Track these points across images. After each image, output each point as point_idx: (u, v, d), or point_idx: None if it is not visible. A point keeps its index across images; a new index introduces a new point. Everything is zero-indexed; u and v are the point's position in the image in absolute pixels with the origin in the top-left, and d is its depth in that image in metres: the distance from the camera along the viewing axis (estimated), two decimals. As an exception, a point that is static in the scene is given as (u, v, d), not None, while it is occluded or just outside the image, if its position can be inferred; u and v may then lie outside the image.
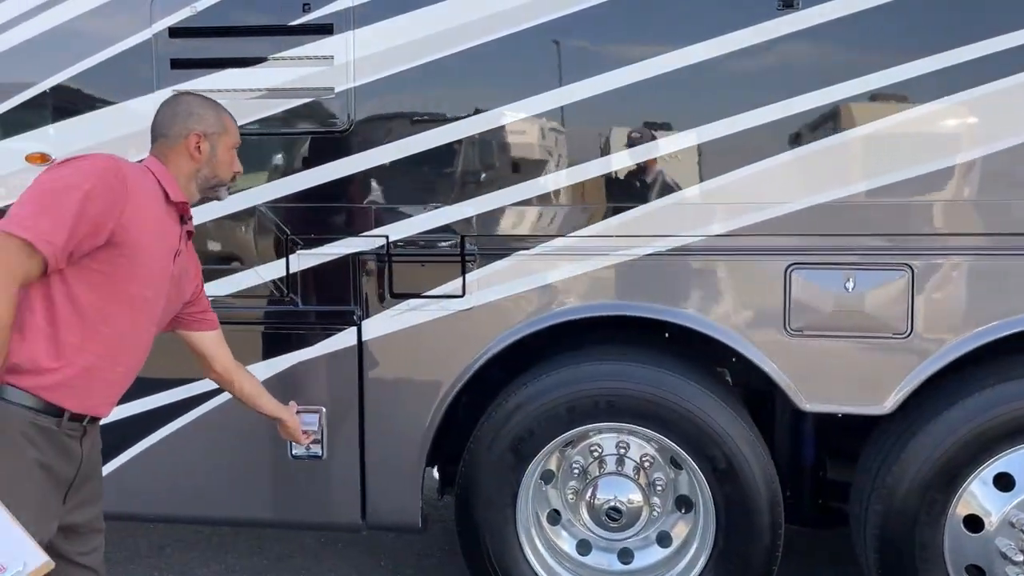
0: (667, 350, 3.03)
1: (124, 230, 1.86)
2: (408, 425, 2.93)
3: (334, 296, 2.93)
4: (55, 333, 1.86)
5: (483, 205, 2.81)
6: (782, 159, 2.65)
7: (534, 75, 2.77)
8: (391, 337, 2.90)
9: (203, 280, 2.40)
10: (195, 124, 2.12)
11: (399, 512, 2.99)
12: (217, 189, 2.22)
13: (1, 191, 2.99)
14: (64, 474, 1.93)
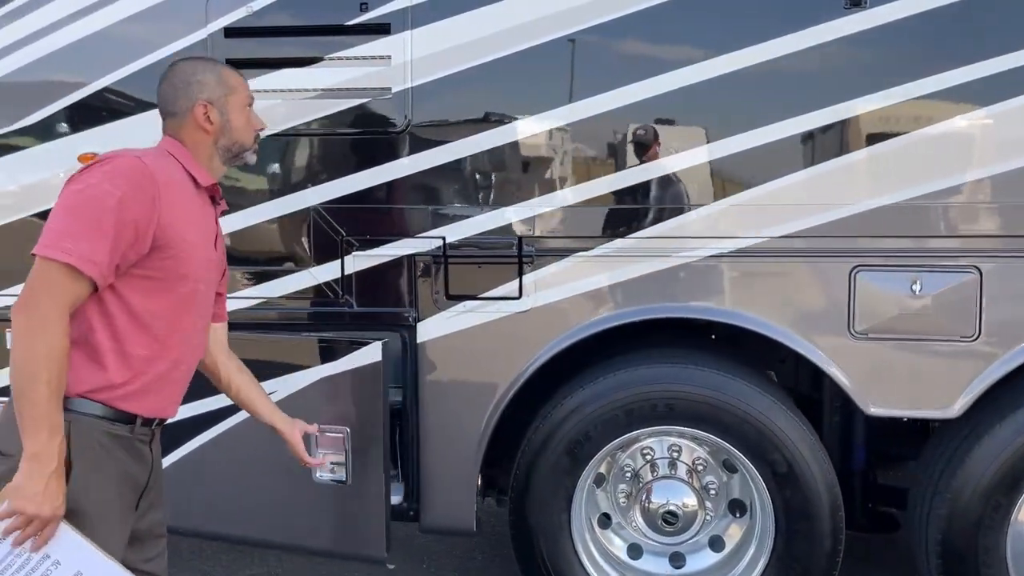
0: (714, 352, 3.01)
1: (165, 230, 1.77)
2: (463, 428, 2.90)
3: (389, 298, 2.91)
4: (121, 347, 1.78)
5: (541, 206, 2.79)
6: (848, 159, 2.62)
7: (593, 75, 2.75)
8: (446, 339, 2.88)
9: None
10: (197, 92, 1.90)
11: (454, 515, 2.97)
12: (243, 155, 2.01)
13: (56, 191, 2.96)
14: (139, 480, 1.90)
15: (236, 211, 2.93)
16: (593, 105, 2.72)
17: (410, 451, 2.99)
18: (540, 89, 2.79)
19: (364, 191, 2.87)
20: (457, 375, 2.91)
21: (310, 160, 2.91)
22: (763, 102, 2.69)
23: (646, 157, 2.75)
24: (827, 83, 2.64)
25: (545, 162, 2.81)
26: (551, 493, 2.92)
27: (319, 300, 2.94)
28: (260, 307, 2.97)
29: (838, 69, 2.64)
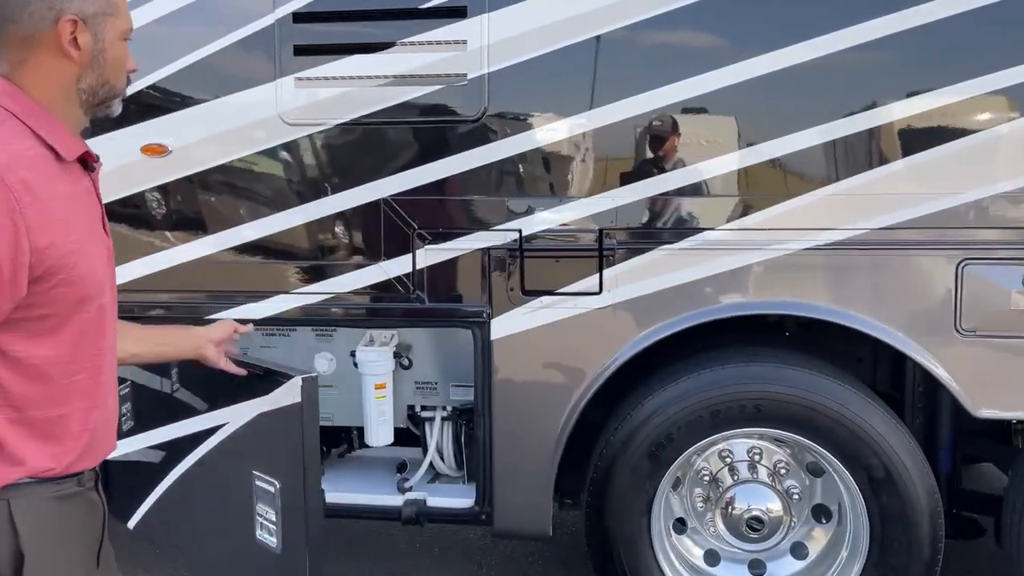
0: (791, 350, 2.88)
1: (42, 255, 1.28)
2: (539, 429, 2.78)
3: (462, 293, 2.80)
4: (27, 417, 1.34)
5: (624, 197, 2.66)
6: (955, 146, 2.47)
7: (682, 58, 2.62)
8: (522, 336, 2.76)
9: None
10: (63, 1, 1.32)
11: (528, 519, 2.85)
12: (110, 103, 1.47)
13: (118, 181, 2.88)
14: (96, 531, 1.51)
15: (302, 203, 2.84)
16: (681, 90, 2.59)
17: (482, 452, 2.88)
18: (623, 74, 2.66)
19: (437, 182, 2.75)
20: (533, 373, 2.79)
21: (381, 150, 2.79)
22: (864, 87, 2.55)
23: (737, 144, 2.61)
24: (932, 67, 2.49)
25: (628, 151, 2.68)
26: (631, 498, 2.79)
27: (389, 295, 2.83)
28: (328, 303, 2.86)
29: (942, 52, 2.49)
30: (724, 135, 2.62)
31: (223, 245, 2.90)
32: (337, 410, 3.19)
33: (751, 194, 2.62)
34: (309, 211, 2.83)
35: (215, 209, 2.91)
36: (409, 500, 3.00)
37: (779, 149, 2.57)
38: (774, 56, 2.53)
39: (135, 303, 2.95)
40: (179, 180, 2.87)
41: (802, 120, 2.56)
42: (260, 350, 3.19)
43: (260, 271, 2.91)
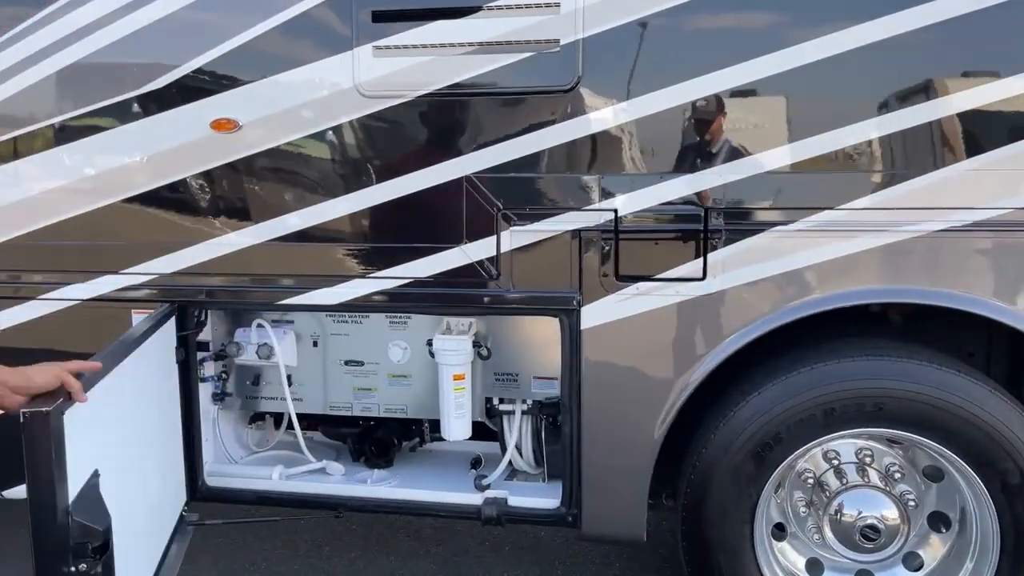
0: (903, 342, 2.62)
1: None
2: (634, 426, 2.57)
3: (550, 278, 2.59)
4: None
5: (733, 172, 2.42)
6: None
7: (796, 21, 2.36)
8: (615, 326, 2.55)
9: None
10: None
11: (620, 523, 2.64)
12: None
13: (186, 158, 2.72)
14: None
15: (379, 181, 2.66)
16: (797, 54, 2.34)
17: (569, 450, 2.68)
18: (733, 38, 2.41)
19: (525, 158, 2.54)
20: (627, 366, 2.57)
21: (464, 123, 2.59)
22: (1003, 43, 2.27)
23: (862, 114, 2.35)
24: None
25: (739, 121, 2.43)
26: (733, 502, 2.57)
27: (471, 280, 2.63)
28: (405, 288, 2.68)
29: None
30: (850, 104, 2.36)
31: (294, 227, 2.73)
32: (411, 403, 3.02)
33: (877, 170, 2.36)
34: (386, 190, 2.64)
35: (286, 188, 2.74)
36: (489, 499, 2.82)
37: (911, 118, 2.31)
38: (906, 15, 2.27)
39: (198, 287, 2.81)
40: (249, 157, 2.70)
41: (938, 88, 2.29)
42: (331, 337, 3.03)
43: (333, 254, 2.74)
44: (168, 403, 2.78)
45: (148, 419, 2.56)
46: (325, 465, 3.11)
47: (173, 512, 2.79)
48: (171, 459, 2.78)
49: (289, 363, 3.02)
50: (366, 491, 2.94)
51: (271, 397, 3.11)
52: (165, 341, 2.73)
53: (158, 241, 2.82)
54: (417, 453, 3.28)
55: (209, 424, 3.10)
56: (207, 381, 3.05)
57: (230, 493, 2.99)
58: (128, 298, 2.85)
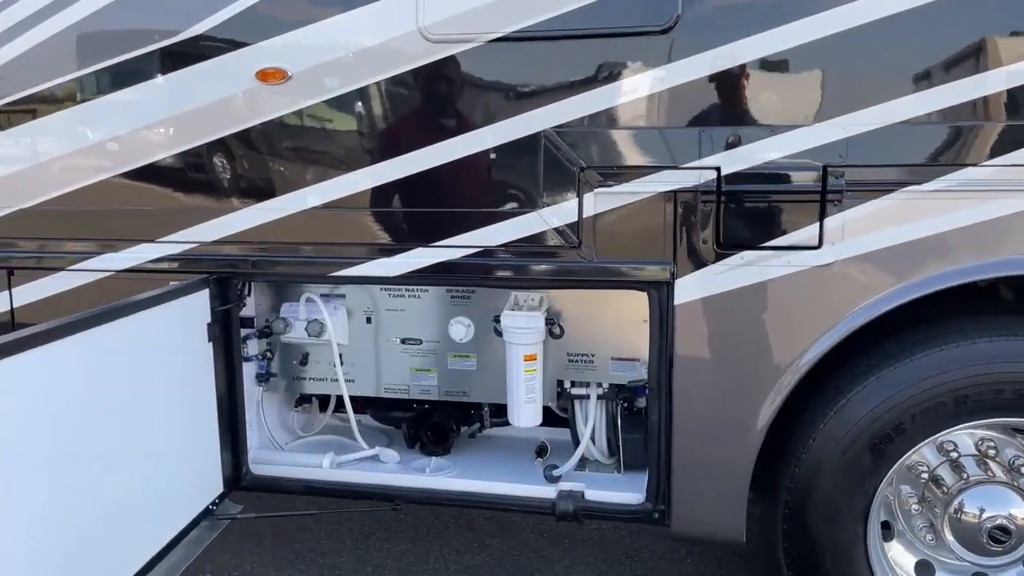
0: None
1: None
2: (734, 415, 2.28)
3: (639, 247, 2.29)
4: None
5: (858, 124, 2.10)
6: None
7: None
8: (715, 301, 2.25)
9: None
10: None
11: (716, 522, 2.36)
12: None
13: (229, 113, 2.45)
14: None
15: (444, 138, 2.36)
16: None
17: (657, 440, 2.39)
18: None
19: (612, 109, 2.24)
20: (727, 347, 2.27)
21: (543, 70, 2.28)
22: None
23: (1012, 55, 2.02)
24: None
25: (864, 65, 2.11)
26: (845, 499, 2.28)
27: (549, 250, 2.34)
28: (473, 258, 2.39)
29: None
30: (1000, 42, 2.03)
31: (347, 190, 2.45)
32: (474, 385, 2.75)
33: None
34: (453, 147, 2.35)
35: (339, 146, 2.45)
36: (564, 492, 2.54)
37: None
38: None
39: (241, 256, 2.54)
40: (300, 111, 2.41)
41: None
42: (385, 314, 2.75)
43: (391, 221, 2.46)
44: (194, 384, 2.49)
45: (157, 399, 2.29)
46: (378, 452, 2.85)
47: (192, 503, 2.51)
48: (195, 445, 2.50)
49: (341, 341, 2.75)
50: (426, 482, 2.68)
51: (320, 378, 2.85)
52: (192, 316, 2.46)
53: (198, 206, 2.56)
54: (476, 440, 3.02)
55: (253, 407, 2.85)
56: (250, 360, 2.79)
57: (277, 483, 2.74)
58: (165, 269, 2.59)
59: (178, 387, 2.39)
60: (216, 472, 2.60)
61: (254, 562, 3.24)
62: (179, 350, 2.40)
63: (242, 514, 2.59)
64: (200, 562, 3.27)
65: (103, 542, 2.08)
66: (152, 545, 2.28)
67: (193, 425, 2.47)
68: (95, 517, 2.04)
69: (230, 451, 2.65)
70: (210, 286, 2.50)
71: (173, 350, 2.37)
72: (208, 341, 2.51)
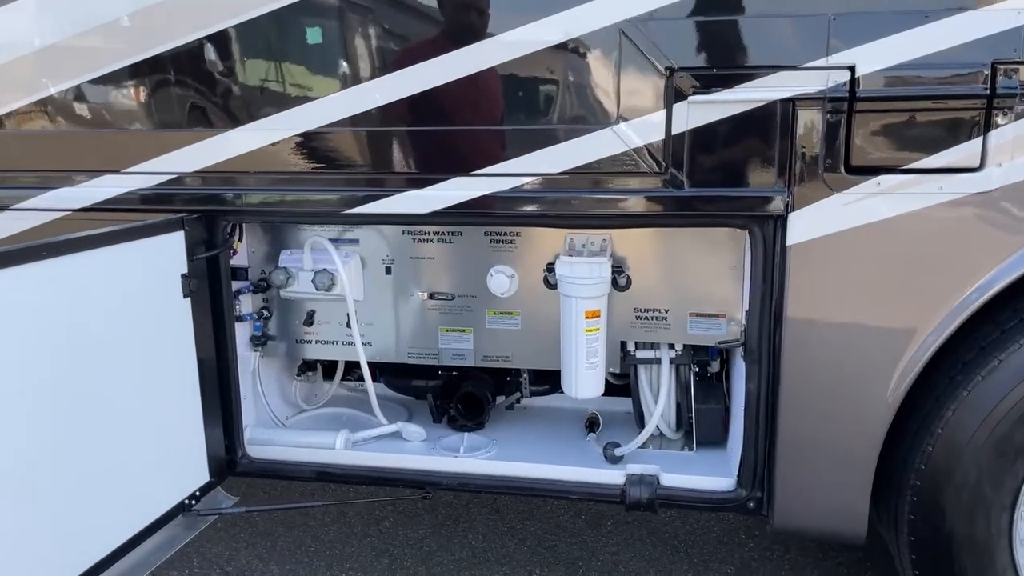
0: None
1: None
2: (860, 382, 1.82)
3: (742, 172, 1.80)
4: None
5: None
6: None
7: None
8: (840, 239, 1.77)
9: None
10: None
11: (830, 515, 1.92)
12: None
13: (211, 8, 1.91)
14: None
15: (488, 35, 1.85)
16: None
17: (756, 413, 1.94)
18: None
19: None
20: (855, 299, 1.80)
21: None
22: None
23: None
24: None
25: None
26: (992, 485, 1.84)
27: (625, 178, 1.85)
28: (525, 190, 1.89)
29: None
30: None
31: (363, 103, 1.94)
32: (517, 349, 2.27)
33: None
34: (500, 47, 1.84)
35: (353, 48, 1.92)
36: (634, 477, 2.09)
37: None
38: None
39: (228, 190, 2.03)
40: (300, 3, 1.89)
41: None
42: (409, 263, 2.26)
43: (421, 144, 1.95)
44: (166, 350, 1.99)
45: (112, 367, 1.81)
46: (401, 428, 2.38)
47: (163, 496, 2.02)
48: (167, 425, 2.00)
49: (355, 296, 2.26)
50: (461, 465, 2.22)
51: (329, 341, 2.36)
52: (161, 265, 1.96)
53: (173, 126, 2.03)
54: (514, 411, 2.56)
55: (248, 377, 2.36)
56: (244, 320, 2.30)
57: (280, 468, 2.26)
58: (136, 207, 2.06)
59: (141, 353, 1.88)
60: (198, 458, 2.10)
61: (249, 554, 2.77)
62: (143, 307, 1.89)
63: (231, 508, 2.10)
64: (186, 555, 2.82)
65: (42, 538, 1.61)
66: (102, 546, 1.80)
67: (165, 400, 1.97)
68: (28, 509, 1.56)
69: (220, 431, 2.17)
70: (186, 228, 1.98)
71: (134, 307, 1.86)
72: (184, 297, 2.00)
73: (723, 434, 2.25)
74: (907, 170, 1.72)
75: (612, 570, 2.67)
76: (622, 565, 2.70)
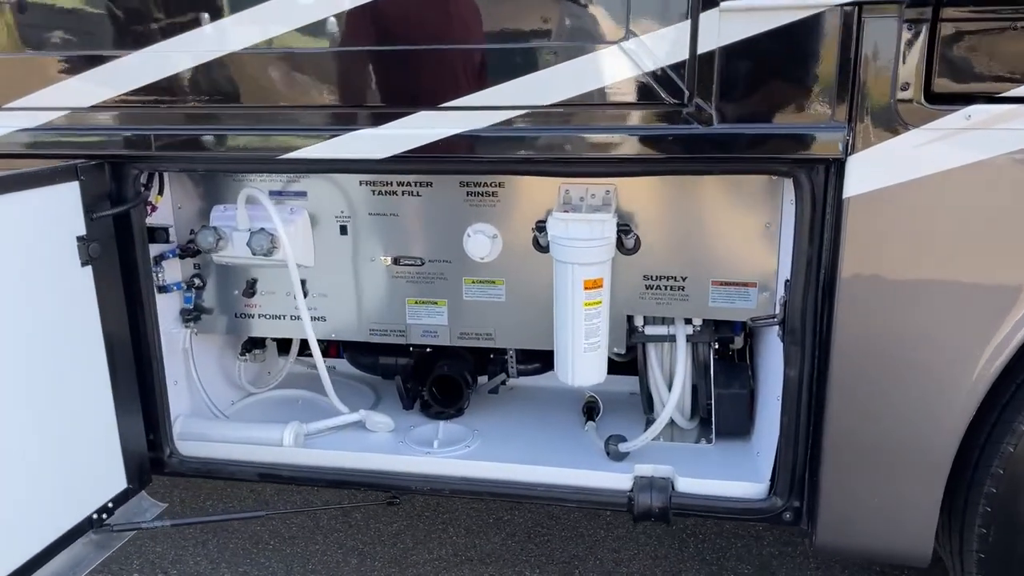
0: None
1: None
2: (934, 375, 1.44)
3: (791, 102, 1.39)
4: None
5: None
6: None
7: None
8: (912, 189, 1.37)
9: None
10: None
11: (891, 531, 1.55)
12: None
13: None
14: None
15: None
16: None
17: (795, 408, 1.56)
18: None
19: None
20: (932, 265, 1.41)
21: None
22: None
23: None
24: None
25: None
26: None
27: (637, 110, 1.44)
28: (507, 127, 1.48)
29: None
30: None
31: (297, 18, 1.51)
32: (502, 324, 1.88)
33: None
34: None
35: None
36: (643, 480, 1.72)
37: None
38: None
39: (138, 131, 1.61)
40: None
41: None
42: (369, 220, 1.85)
43: (374, 68, 1.53)
44: (61, 329, 1.59)
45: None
46: (364, 417, 2.00)
47: (63, 510, 1.64)
48: (68, 422, 1.62)
49: (302, 261, 1.86)
50: (433, 465, 1.84)
51: (274, 315, 1.96)
52: (50, 225, 1.55)
53: (64, 47, 1.60)
54: (500, 395, 2.18)
55: (178, 358, 1.96)
56: (168, 291, 1.90)
57: (215, 467, 1.88)
58: (21, 154, 1.65)
59: (26, 337, 1.48)
60: (110, 461, 1.71)
61: (198, 554, 2.42)
62: (27, 278, 1.48)
63: (153, 523, 1.72)
64: (126, 555, 2.46)
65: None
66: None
67: (63, 393, 1.58)
68: None
69: (140, 426, 1.78)
70: (81, 177, 1.56)
71: (14, 278, 1.45)
72: (84, 265, 1.58)
73: (748, 424, 1.88)
74: (1008, 99, 1.31)
75: (613, 570, 2.33)
76: (624, 564, 2.36)
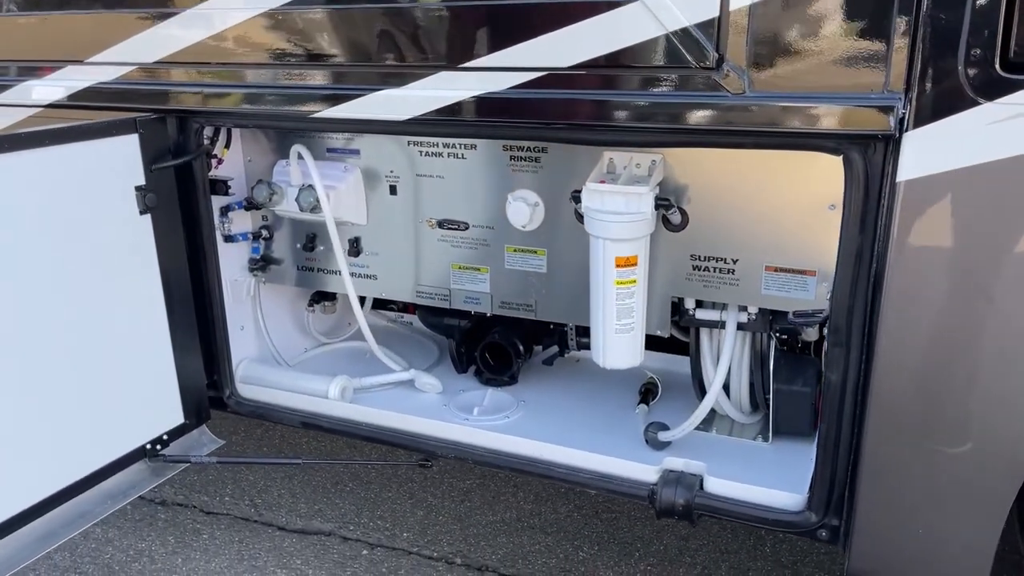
0: None
1: None
2: (995, 381, 1.22)
3: (838, 67, 1.20)
4: None
5: None
6: None
7: None
8: (987, 175, 1.15)
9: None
10: None
11: (938, 563, 1.35)
12: None
13: None
14: None
15: None
16: None
17: (837, 415, 1.38)
18: None
19: None
20: (1006, 263, 1.18)
21: None
22: None
23: None
24: None
25: None
26: None
27: (660, 70, 1.29)
28: (527, 91, 1.39)
29: None
30: None
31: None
32: (542, 297, 1.80)
33: None
34: None
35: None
36: (670, 475, 1.60)
37: None
38: None
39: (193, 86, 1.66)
40: None
41: None
42: (417, 181, 1.83)
43: (395, 26, 1.48)
44: (118, 274, 1.69)
45: (46, 289, 1.54)
46: (414, 377, 2.01)
47: (117, 439, 1.76)
48: (119, 358, 1.72)
49: (354, 218, 1.87)
50: (461, 433, 1.80)
51: (331, 270, 2.00)
52: (109, 175, 1.64)
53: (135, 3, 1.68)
54: (559, 366, 2.11)
55: (245, 305, 2.06)
56: (234, 240, 1.98)
57: (266, 410, 1.96)
58: (92, 105, 1.76)
59: (88, 275, 1.61)
60: (167, 396, 1.83)
61: (282, 487, 2.54)
62: (90, 223, 1.59)
63: (202, 458, 1.83)
64: (221, 481, 2.63)
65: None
66: (37, 490, 1.58)
67: (123, 329, 1.70)
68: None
69: (200, 366, 1.89)
70: (140, 131, 1.65)
71: (79, 222, 1.57)
72: (142, 213, 1.68)
73: (812, 425, 1.70)
74: (1109, 67, 1.06)
75: (676, 558, 2.22)
76: (688, 553, 2.24)
